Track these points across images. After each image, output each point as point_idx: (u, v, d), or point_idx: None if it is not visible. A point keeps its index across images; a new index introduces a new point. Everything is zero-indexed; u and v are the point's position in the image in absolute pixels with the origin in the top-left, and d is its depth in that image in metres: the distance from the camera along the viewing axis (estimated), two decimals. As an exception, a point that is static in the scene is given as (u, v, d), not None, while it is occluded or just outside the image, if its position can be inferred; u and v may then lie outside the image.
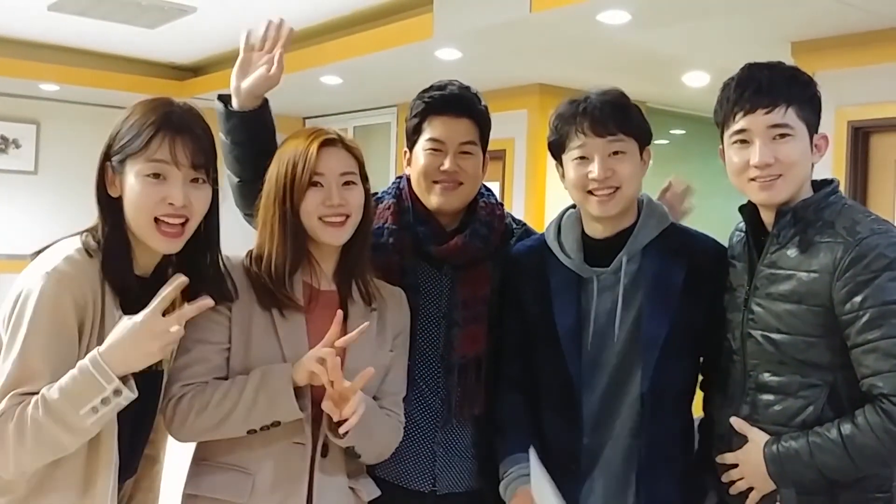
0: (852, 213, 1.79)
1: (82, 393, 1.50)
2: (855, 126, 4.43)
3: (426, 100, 2.12)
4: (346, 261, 1.91)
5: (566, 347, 1.92)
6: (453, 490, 2.11)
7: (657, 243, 1.95)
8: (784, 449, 1.73)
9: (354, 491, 1.92)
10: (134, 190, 1.63)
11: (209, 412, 1.72)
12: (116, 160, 1.66)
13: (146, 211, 1.63)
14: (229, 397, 1.72)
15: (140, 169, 1.63)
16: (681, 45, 4.92)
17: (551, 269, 2.00)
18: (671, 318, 1.89)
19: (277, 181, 1.83)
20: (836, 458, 1.68)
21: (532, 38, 4.81)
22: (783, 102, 1.77)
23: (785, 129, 1.77)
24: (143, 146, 1.62)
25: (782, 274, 1.78)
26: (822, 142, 1.84)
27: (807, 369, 1.74)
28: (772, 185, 1.79)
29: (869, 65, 4.41)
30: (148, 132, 1.63)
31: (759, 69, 1.82)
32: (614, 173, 1.90)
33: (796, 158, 1.78)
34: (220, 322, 1.79)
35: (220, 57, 7.10)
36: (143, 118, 1.64)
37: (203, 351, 1.78)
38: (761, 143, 1.78)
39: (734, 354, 1.88)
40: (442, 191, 2.08)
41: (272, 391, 1.71)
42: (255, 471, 1.77)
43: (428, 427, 2.09)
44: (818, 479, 1.71)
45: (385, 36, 5.31)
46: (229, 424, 1.73)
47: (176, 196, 1.64)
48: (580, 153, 1.92)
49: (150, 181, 1.63)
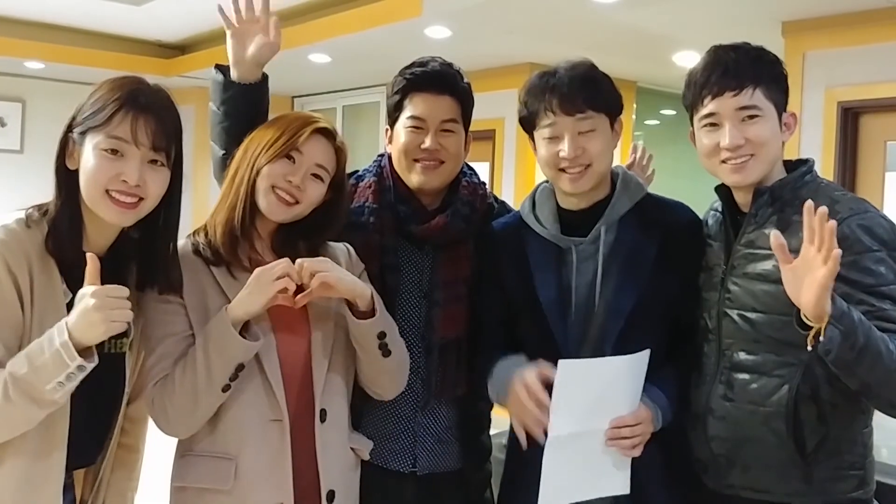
0: (829, 191, 1.80)
1: (49, 368, 1.49)
2: (844, 107, 4.43)
3: (407, 76, 2.08)
4: (285, 233, 1.87)
5: (551, 319, 1.90)
6: (434, 470, 2.10)
7: (632, 214, 1.94)
8: (849, 309, 1.60)
9: (355, 451, 1.93)
10: (89, 162, 1.61)
11: (178, 394, 1.70)
12: (77, 132, 1.63)
13: (99, 184, 1.61)
14: (188, 370, 1.70)
15: (98, 142, 1.60)
16: (671, 24, 4.90)
17: (529, 243, 1.99)
18: (639, 290, 1.88)
19: (260, 143, 1.81)
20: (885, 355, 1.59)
21: (523, 16, 4.79)
22: (750, 84, 1.78)
23: (753, 111, 1.78)
24: (104, 121, 1.60)
25: (760, 254, 1.78)
26: (790, 120, 1.85)
27: (782, 348, 1.73)
28: (743, 167, 1.79)
29: (859, 45, 4.41)
30: (112, 107, 1.60)
31: (725, 51, 1.83)
32: (584, 151, 1.88)
33: (766, 138, 1.79)
34: (176, 312, 1.76)
35: (206, 35, 7.06)
36: (110, 94, 1.62)
37: (166, 345, 1.75)
38: (731, 126, 1.78)
39: (709, 333, 1.87)
40: (423, 169, 2.06)
41: (217, 339, 1.68)
42: (235, 454, 1.75)
43: (408, 408, 2.08)
44: (852, 356, 1.58)
45: (374, 13, 5.27)
46: (201, 395, 1.70)
47: (130, 174, 1.60)
48: (551, 132, 1.90)
49: (107, 156, 1.60)
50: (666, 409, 1.84)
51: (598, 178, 1.92)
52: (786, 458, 1.77)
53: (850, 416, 1.77)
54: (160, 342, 1.75)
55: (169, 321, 1.76)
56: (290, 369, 1.79)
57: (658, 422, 1.82)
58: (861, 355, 1.58)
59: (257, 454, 1.75)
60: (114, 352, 1.70)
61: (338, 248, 1.96)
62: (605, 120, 1.91)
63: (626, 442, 1.77)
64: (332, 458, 1.84)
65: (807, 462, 1.76)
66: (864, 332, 1.58)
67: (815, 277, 1.53)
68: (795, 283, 1.58)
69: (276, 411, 1.76)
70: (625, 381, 1.79)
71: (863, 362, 1.59)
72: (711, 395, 1.85)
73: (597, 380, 1.77)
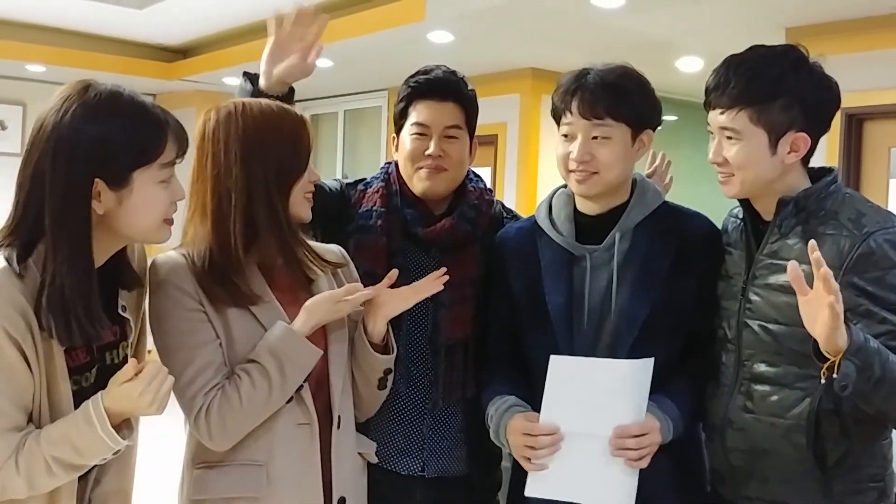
0: (855, 203, 1.76)
1: (93, 451, 1.49)
2: (849, 113, 4.40)
3: (412, 84, 2.12)
4: None
5: (557, 326, 1.89)
6: (443, 474, 2.10)
7: (648, 222, 1.93)
8: (867, 339, 1.59)
9: (362, 455, 1.93)
10: (146, 200, 1.55)
11: (246, 409, 1.67)
12: (111, 173, 1.50)
13: (160, 216, 1.59)
14: (258, 388, 1.67)
15: (152, 175, 1.54)
16: (674, 29, 4.89)
17: (542, 248, 1.97)
18: (653, 299, 1.86)
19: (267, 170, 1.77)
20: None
21: (525, 20, 4.77)
22: (737, 105, 1.75)
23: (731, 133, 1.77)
24: (154, 150, 1.54)
25: (783, 265, 1.73)
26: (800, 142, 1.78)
27: (804, 360, 1.69)
28: (728, 181, 1.80)
29: (862, 51, 4.38)
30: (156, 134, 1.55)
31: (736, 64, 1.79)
32: (593, 158, 1.86)
33: (741, 161, 1.76)
34: (202, 320, 1.72)
35: (208, 38, 7.04)
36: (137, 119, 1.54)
37: (205, 354, 1.70)
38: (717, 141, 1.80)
39: (728, 343, 1.85)
40: (427, 175, 2.08)
41: (291, 353, 1.69)
42: (265, 461, 1.73)
43: (417, 409, 2.09)
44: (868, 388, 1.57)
45: (377, 18, 5.26)
46: (272, 408, 1.71)
47: (179, 192, 1.63)
48: (565, 130, 1.90)
49: (164, 187, 1.58)
50: (677, 420, 1.82)
51: (605, 186, 1.90)
52: (805, 471, 1.75)
53: (874, 429, 1.75)
54: (196, 351, 1.69)
55: (199, 329, 1.71)
56: (311, 375, 1.77)
57: (668, 433, 1.80)
58: (878, 386, 1.56)
59: (287, 459, 1.74)
60: (116, 362, 1.64)
61: (333, 249, 1.96)
62: (624, 130, 1.88)
63: (632, 453, 1.73)
64: (344, 464, 1.84)
65: (826, 475, 1.73)
66: (881, 363, 1.56)
67: (823, 316, 1.51)
68: (811, 315, 1.56)
69: (305, 415, 1.76)
70: (625, 387, 1.76)
71: (879, 392, 1.58)
72: (730, 407, 1.83)
73: (592, 380, 1.75)
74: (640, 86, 1.91)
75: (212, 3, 5.75)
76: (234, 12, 6.15)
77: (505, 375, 1.99)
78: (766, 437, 1.77)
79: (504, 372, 2.00)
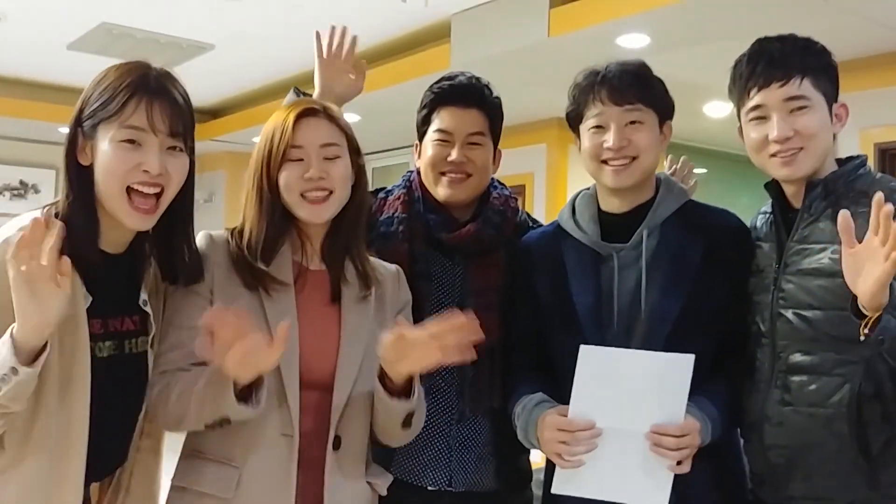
0: (886, 182, 1.74)
1: None
2: (882, 148, 4.37)
3: (435, 90, 2.11)
4: (335, 239, 1.79)
5: (586, 327, 1.83)
6: (471, 489, 2.02)
7: (675, 218, 1.88)
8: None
9: (371, 485, 1.82)
10: (107, 156, 1.52)
11: (174, 404, 1.62)
12: (88, 125, 1.54)
13: (119, 178, 1.53)
14: (186, 391, 1.61)
15: (114, 135, 1.52)
16: (701, 70, 4.86)
17: (567, 251, 1.93)
18: (685, 296, 1.80)
19: (257, 155, 1.75)
20: None
21: (550, 64, 4.79)
22: (797, 74, 1.73)
23: (802, 101, 1.73)
24: (117, 110, 1.51)
25: (815, 248, 1.72)
26: (841, 111, 1.80)
27: (842, 345, 1.64)
28: (793, 160, 1.74)
29: (891, 86, 4.36)
30: (123, 95, 1.51)
31: (770, 42, 1.79)
32: (630, 143, 1.83)
33: (815, 130, 1.73)
34: (198, 305, 1.67)
35: (236, 99, 7.16)
36: (118, 80, 1.54)
37: (180, 336, 1.67)
38: (778, 118, 1.74)
39: (762, 338, 1.79)
40: (449, 182, 2.05)
41: (218, 385, 1.56)
42: (241, 464, 1.66)
43: (443, 421, 2.02)
44: None
45: (403, 69, 5.33)
46: (189, 418, 1.62)
47: (152, 163, 1.53)
48: (596, 122, 1.86)
49: (125, 147, 1.53)
50: (716, 420, 1.74)
51: (643, 173, 1.86)
52: (849, 463, 1.67)
53: (918, 413, 1.67)
54: (176, 330, 1.68)
55: (188, 312, 1.67)
56: (311, 387, 1.70)
57: (707, 434, 1.71)
58: None
59: (263, 466, 1.67)
60: (134, 351, 1.62)
61: (391, 269, 1.90)
62: (653, 116, 1.87)
63: (672, 454, 1.65)
64: (343, 490, 1.73)
65: (872, 466, 1.65)
66: None
67: (874, 270, 1.46)
68: (855, 270, 1.51)
69: (287, 426, 1.68)
70: (662, 382, 1.68)
71: None
72: (767, 402, 1.76)
73: (626, 373, 1.69)
74: (657, 78, 1.91)
75: (240, 60, 5.84)
76: (262, 72, 6.25)
77: (532, 380, 1.92)
78: (806, 429, 1.70)
79: (531, 377, 1.94)
